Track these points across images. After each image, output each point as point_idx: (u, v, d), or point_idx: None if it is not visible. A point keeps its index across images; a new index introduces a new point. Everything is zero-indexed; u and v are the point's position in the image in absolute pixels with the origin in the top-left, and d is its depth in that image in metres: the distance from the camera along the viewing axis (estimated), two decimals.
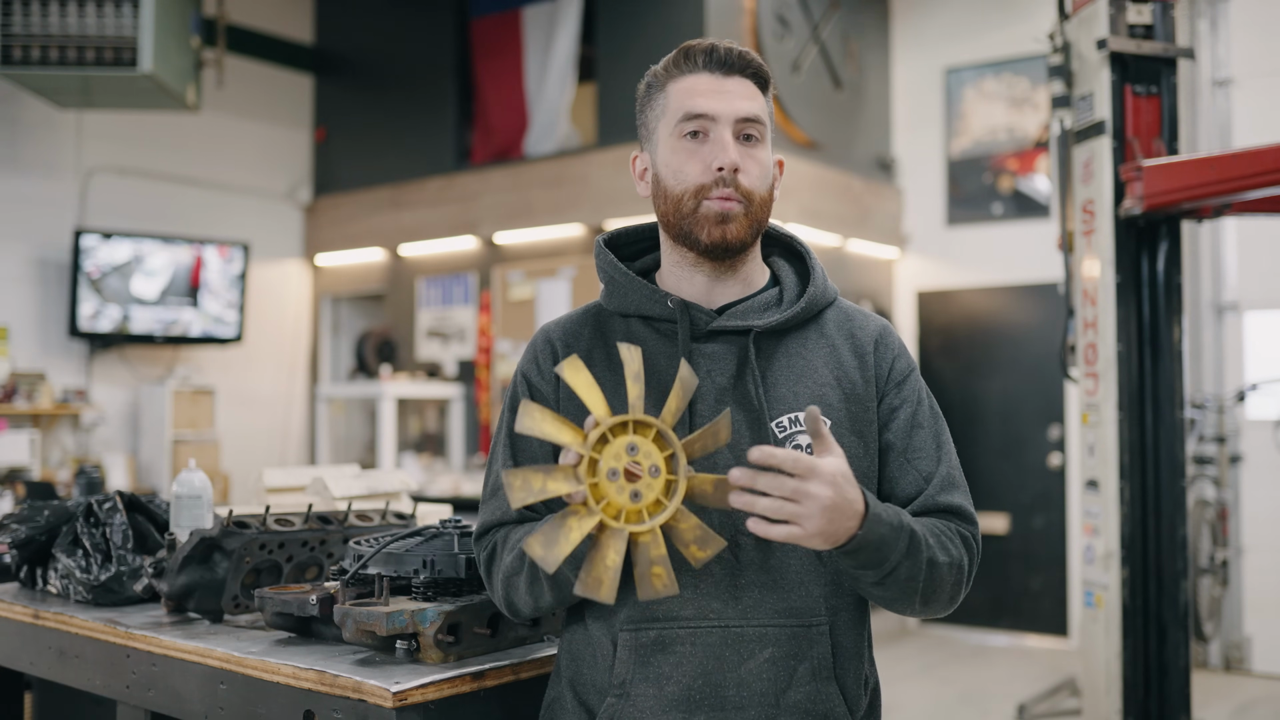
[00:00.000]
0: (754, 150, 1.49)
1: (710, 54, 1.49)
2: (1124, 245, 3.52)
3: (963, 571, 1.45)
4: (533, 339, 1.60)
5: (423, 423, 7.31)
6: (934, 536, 1.42)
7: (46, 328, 6.39)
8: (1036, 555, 6.89)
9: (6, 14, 5.43)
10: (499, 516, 1.53)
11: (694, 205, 1.47)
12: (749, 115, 1.48)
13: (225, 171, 7.22)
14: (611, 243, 1.64)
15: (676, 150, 1.49)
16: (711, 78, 1.49)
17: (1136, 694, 3.47)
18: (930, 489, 1.48)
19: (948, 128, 7.32)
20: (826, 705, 1.44)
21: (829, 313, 1.57)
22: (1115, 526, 3.49)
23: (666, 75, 1.52)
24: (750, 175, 1.47)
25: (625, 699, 1.44)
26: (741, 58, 1.50)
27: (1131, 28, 3.51)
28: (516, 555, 1.46)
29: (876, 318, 1.62)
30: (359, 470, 2.48)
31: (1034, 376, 6.92)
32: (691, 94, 1.49)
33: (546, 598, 1.45)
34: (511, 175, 6.69)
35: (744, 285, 1.55)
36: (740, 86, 1.49)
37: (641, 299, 1.53)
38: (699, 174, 1.47)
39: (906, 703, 5.51)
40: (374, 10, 7.55)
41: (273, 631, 1.87)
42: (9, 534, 2.33)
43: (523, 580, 1.45)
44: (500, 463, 1.54)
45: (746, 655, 1.42)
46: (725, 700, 1.42)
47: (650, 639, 1.44)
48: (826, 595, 1.45)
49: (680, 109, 1.49)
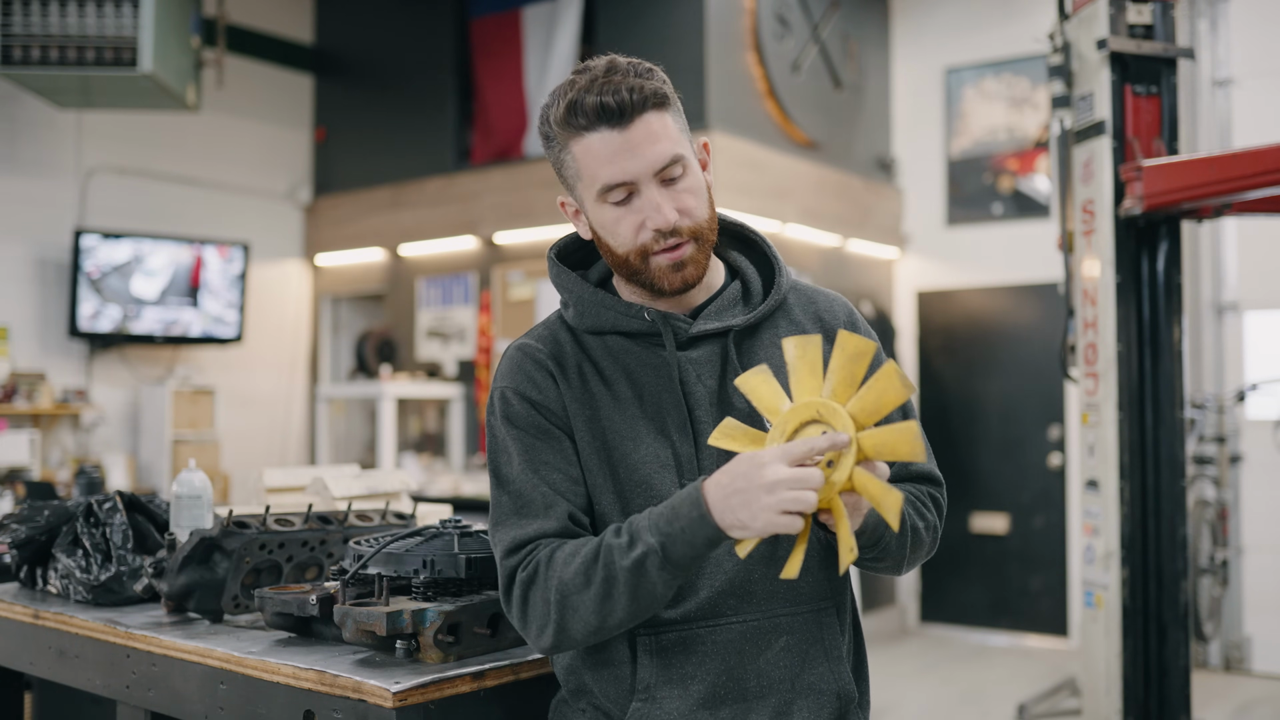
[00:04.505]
0: (683, 183, 1.43)
1: (601, 106, 1.38)
2: (1124, 245, 3.52)
3: (936, 531, 1.56)
4: (513, 359, 1.52)
5: (423, 423, 7.31)
6: (913, 505, 1.51)
7: (46, 328, 6.39)
8: (1036, 555, 6.89)
9: (6, 14, 5.42)
10: (537, 529, 1.42)
11: (642, 263, 1.44)
12: (667, 161, 1.40)
13: (225, 171, 7.22)
14: (562, 254, 1.60)
15: (605, 213, 1.44)
16: (613, 133, 1.39)
17: (1136, 694, 3.47)
18: None
19: (948, 128, 7.32)
20: (838, 682, 1.49)
21: (790, 297, 1.59)
22: (1115, 526, 3.49)
23: (563, 131, 1.42)
24: (690, 212, 1.43)
25: (651, 703, 1.44)
26: (633, 94, 1.38)
27: (1131, 28, 3.51)
28: (578, 571, 1.36)
29: (838, 297, 1.63)
30: (359, 470, 2.48)
31: (1034, 376, 6.92)
32: (599, 160, 1.40)
33: (616, 614, 1.35)
34: (511, 175, 6.69)
35: (706, 288, 1.54)
36: (645, 130, 1.39)
37: (617, 317, 1.50)
38: (635, 234, 1.43)
39: (906, 702, 5.51)
40: (374, 10, 7.55)
41: (273, 631, 1.87)
42: (9, 534, 2.33)
43: (590, 597, 1.35)
44: (517, 472, 1.46)
45: (764, 646, 1.45)
46: (747, 692, 1.45)
47: (671, 641, 1.44)
48: (829, 578, 1.50)
49: (594, 179, 1.42)
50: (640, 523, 1.34)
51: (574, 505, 1.45)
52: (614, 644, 1.47)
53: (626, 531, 1.35)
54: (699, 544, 1.31)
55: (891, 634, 7.02)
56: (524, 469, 1.46)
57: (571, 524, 1.43)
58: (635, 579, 1.33)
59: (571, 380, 1.49)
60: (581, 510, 1.45)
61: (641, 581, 1.33)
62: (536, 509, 1.44)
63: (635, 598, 1.34)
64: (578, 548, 1.38)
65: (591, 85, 1.39)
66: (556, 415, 1.48)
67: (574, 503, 1.45)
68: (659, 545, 1.31)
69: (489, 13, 6.96)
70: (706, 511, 1.29)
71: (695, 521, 1.30)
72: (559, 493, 1.44)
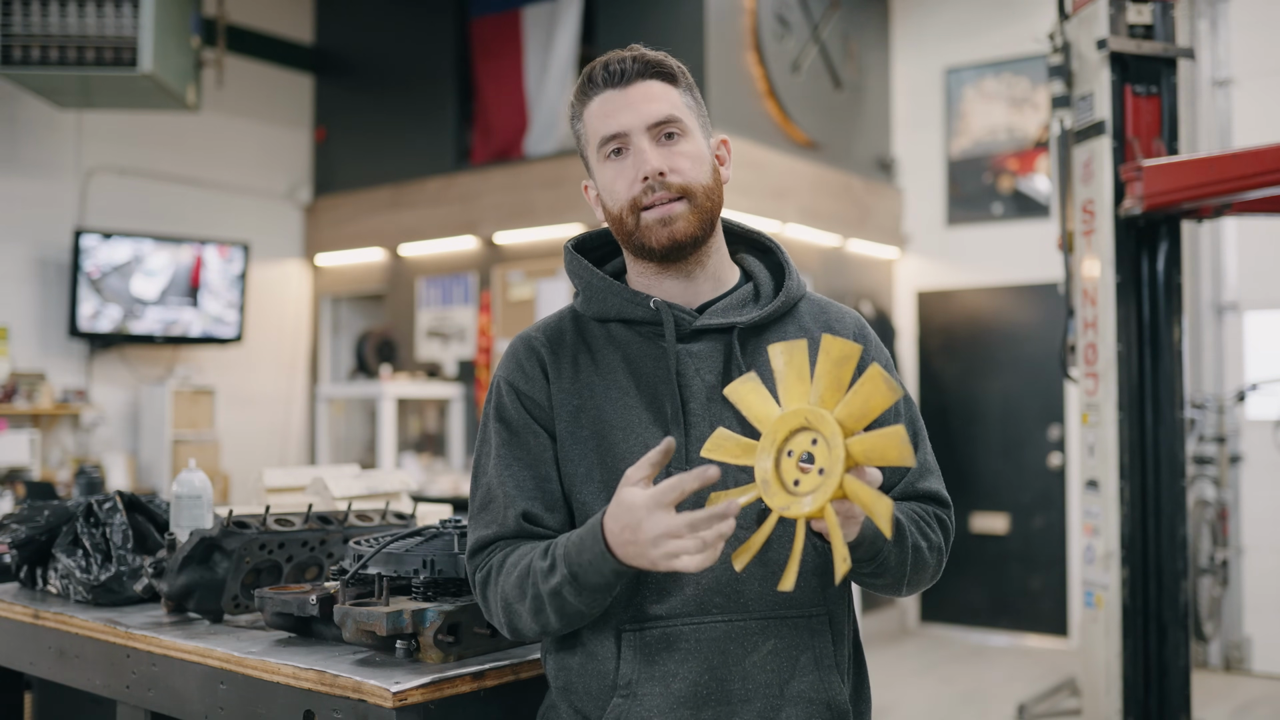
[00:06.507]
0: (679, 145, 1.49)
1: (606, 70, 1.50)
2: (1124, 245, 3.52)
3: (941, 553, 1.54)
4: (512, 347, 1.59)
5: (423, 423, 7.31)
6: (916, 524, 1.50)
7: (46, 328, 6.39)
8: (1036, 555, 6.89)
9: (6, 14, 5.42)
10: (494, 532, 1.49)
11: (635, 220, 1.50)
12: (660, 118, 1.48)
13: (225, 171, 7.22)
14: (580, 246, 1.64)
15: (605, 172, 1.52)
16: (614, 93, 1.50)
17: (1136, 694, 3.47)
18: (909, 475, 1.55)
19: (948, 128, 7.32)
20: (829, 693, 1.47)
21: (803, 305, 1.61)
22: (1115, 526, 3.49)
23: (579, 103, 1.54)
24: (681, 171, 1.48)
25: (632, 699, 1.44)
26: (638, 61, 1.50)
27: (1131, 28, 3.51)
28: (515, 584, 1.43)
29: (850, 311, 1.66)
30: (359, 470, 2.48)
31: (1034, 376, 6.92)
32: (599, 118, 1.50)
33: (553, 624, 1.42)
34: (511, 175, 6.69)
35: (715, 284, 1.56)
36: (644, 91, 1.49)
37: (622, 303, 1.54)
38: (628, 188, 1.49)
39: (906, 703, 5.51)
40: (374, 10, 7.55)
41: (273, 631, 1.87)
42: (9, 534, 2.33)
43: (526, 609, 1.42)
44: (491, 466, 1.52)
45: (750, 649, 1.45)
46: (731, 694, 1.44)
47: (655, 637, 1.44)
48: (823, 585, 1.48)
49: (596, 134, 1.51)
50: (558, 550, 1.39)
51: (536, 503, 1.49)
52: (599, 639, 1.47)
53: (549, 555, 1.40)
54: (608, 575, 1.35)
55: (891, 634, 7.02)
56: (497, 464, 1.51)
57: (526, 524, 1.48)
58: (558, 602, 1.39)
59: (564, 369, 1.53)
60: (546, 508, 1.49)
61: (564, 605, 1.39)
62: (498, 508, 1.49)
63: (563, 615, 1.40)
64: (520, 558, 1.44)
65: (608, 59, 1.52)
66: (540, 407, 1.52)
67: (539, 500, 1.49)
68: (570, 575, 1.36)
69: (489, 13, 6.96)
70: (608, 550, 1.33)
71: (599, 557, 1.34)
72: (522, 491, 1.49)
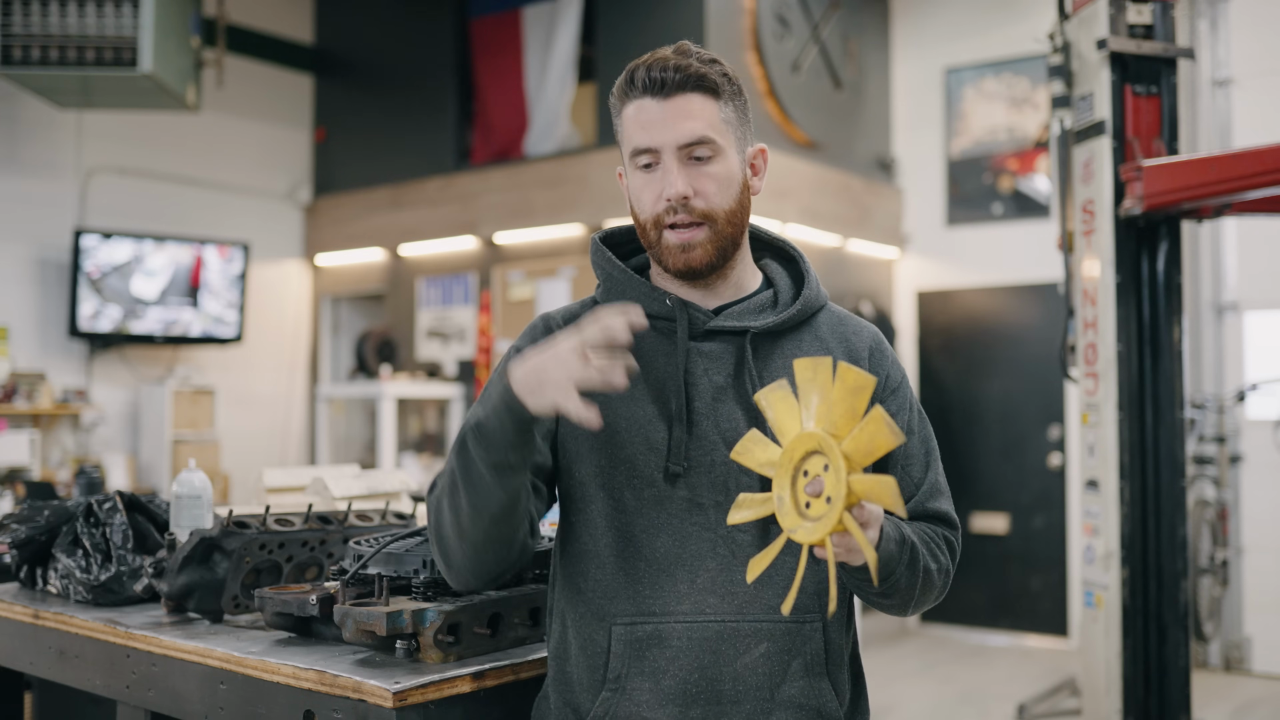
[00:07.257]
0: (708, 167, 1.47)
1: (649, 74, 1.45)
2: (1124, 245, 3.52)
3: (948, 575, 1.55)
4: (531, 324, 1.61)
5: (423, 423, 7.31)
6: (925, 545, 1.49)
7: (46, 328, 6.39)
8: (1036, 555, 6.89)
9: (6, 14, 5.43)
10: None
11: (657, 236, 1.50)
12: (692, 139, 1.45)
13: (225, 171, 7.22)
14: (607, 240, 1.65)
15: (635, 179, 1.51)
16: (653, 102, 1.46)
17: (1136, 694, 3.47)
18: (920, 495, 1.55)
19: (948, 128, 7.32)
20: (819, 700, 1.47)
21: (821, 316, 1.60)
22: (1115, 526, 3.49)
23: (618, 99, 1.51)
24: (706, 196, 1.47)
25: (620, 693, 1.45)
26: (680, 72, 1.45)
27: (1131, 28, 3.51)
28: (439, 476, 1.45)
29: (868, 325, 1.65)
30: (359, 470, 2.48)
31: (1034, 376, 6.92)
32: (635, 125, 1.48)
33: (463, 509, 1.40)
34: (511, 175, 6.69)
35: (736, 289, 1.57)
36: (683, 106, 1.45)
37: (640, 296, 1.54)
38: (653, 204, 1.49)
39: (906, 703, 5.51)
40: (374, 10, 7.55)
41: (273, 631, 1.87)
42: (9, 534, 2.33)
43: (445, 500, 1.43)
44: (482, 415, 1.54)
45: (742, 650, 1.45)
46: (721, 694, 1.44)
47: (646, 633, 1.45)
48: (819, 593, 1.48)
49: (630, 141, 1.49)
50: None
51: None
52: (592, 632, 1.48)
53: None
54: (503, 413, 1.35)
55: (891, 634, 7.02)
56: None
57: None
58: (464, 462, 1.38)
59: None
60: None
61: (470, 466, 1.38)
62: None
63: (470, 484, 1.38)
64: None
65: (653, 61, 1.47)
66: None
67: None
68: (475, 423, 1.38)
69: (489, 13, 6.96)
70: (509, 384, 1.36)
71: (502, 392, 1.36)
72: None
